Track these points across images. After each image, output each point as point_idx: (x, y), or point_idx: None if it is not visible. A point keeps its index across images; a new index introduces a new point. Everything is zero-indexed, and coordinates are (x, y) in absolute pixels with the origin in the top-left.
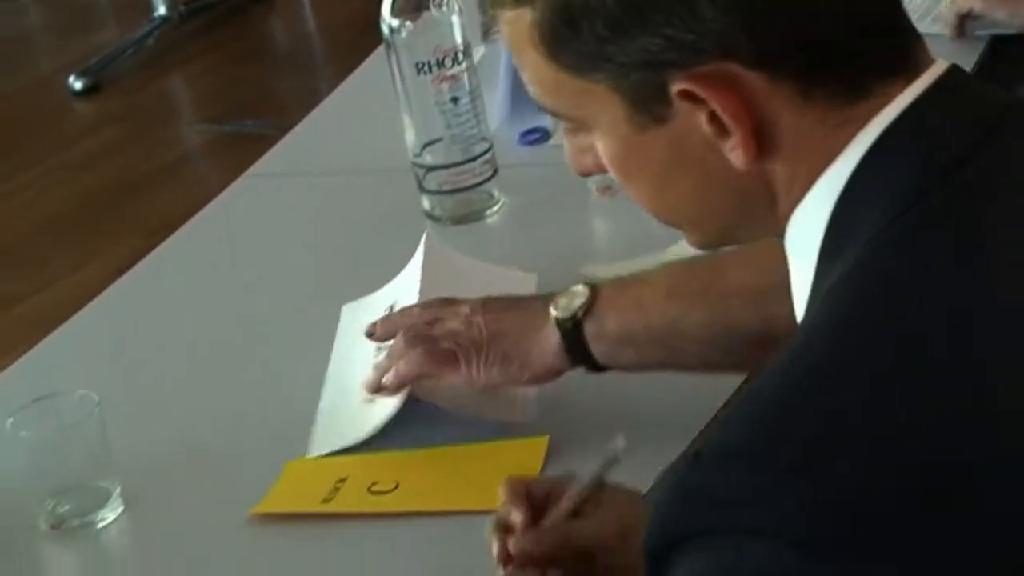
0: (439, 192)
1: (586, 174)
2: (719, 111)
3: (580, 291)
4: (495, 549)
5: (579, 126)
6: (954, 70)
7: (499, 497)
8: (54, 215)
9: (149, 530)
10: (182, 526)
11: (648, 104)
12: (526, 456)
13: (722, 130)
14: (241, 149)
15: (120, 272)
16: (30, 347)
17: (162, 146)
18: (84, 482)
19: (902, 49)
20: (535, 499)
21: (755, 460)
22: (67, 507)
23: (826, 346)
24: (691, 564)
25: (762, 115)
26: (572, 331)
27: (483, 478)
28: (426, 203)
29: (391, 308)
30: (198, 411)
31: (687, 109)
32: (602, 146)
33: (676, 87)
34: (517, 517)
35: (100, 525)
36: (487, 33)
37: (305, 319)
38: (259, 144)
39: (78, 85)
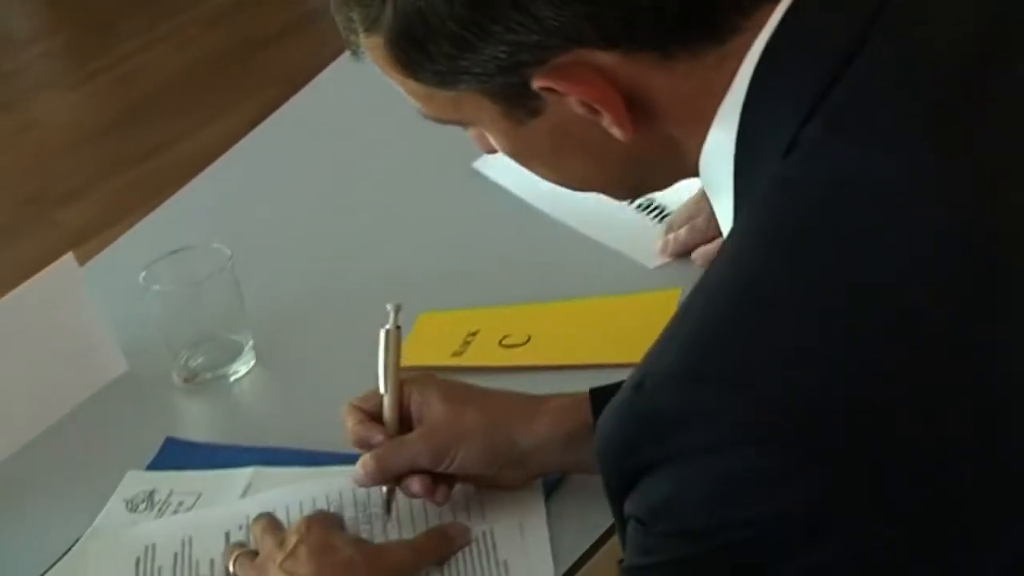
0: None
1: (492, 152)
2: (583, 98)
3: None
4: (362, 472)
5: (466, 125)
6: None
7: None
8: (189, 68)
9: (281, 383)
10: (314, 379)
11: (517, 101)
12: (659, 308)
13: (595, 111)
14: None
15: (253, 125)
16: (163, 200)
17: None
18: (217, 335)
19: None
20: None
21: (697, 380)
22: (200, 360)
23: (752, 261)
24: (652, 492)
25: (630, 89)
26: None
27: (616, 331)
28: None
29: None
30: (330, 264)
31: (555, 99)
32: (491, 139)
33: (536, 84)
34: (376, 436)
35: (233, 378)
36: None
37: (440, 172)
38: None
39: None
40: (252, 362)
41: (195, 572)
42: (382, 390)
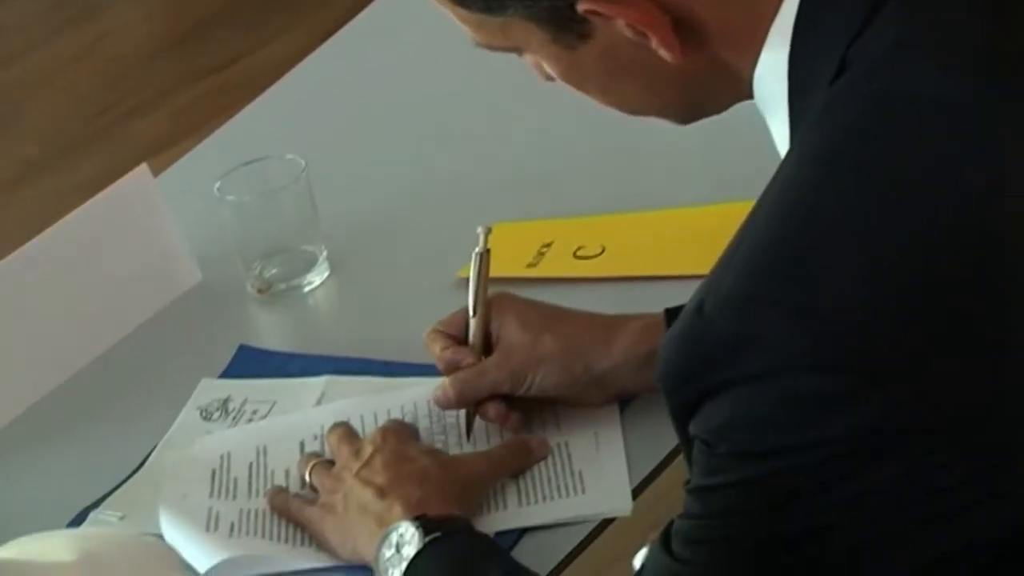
0: None
1: (550, 80)
2: (629, 21)
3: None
4: (440, 395)
5: (518, 52)
6: None
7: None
8: None
9: (355, 294)
10: (387, 290)
11: (566, 26)
12: (734, 220)
13: (643, 35)
14: None
15: (325, 37)
16: (236, 112)
17: None
18: (291, 246)
19: None
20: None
21: (755, 305)
22: (274, 271)
23: (806, 183)
24: (715, 414)
25: (676, 11)
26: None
27: (690, 243)
28: None
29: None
30: (404, 174)
31: (602, 23)
32: (545, 64)
33: (581, 7)
34: (466, 359)
35: (307, 289)
36: None
37: (513, 83)
38: None
39: None
40: (326, 273)
41: (270, 482)
42: (471, 313)
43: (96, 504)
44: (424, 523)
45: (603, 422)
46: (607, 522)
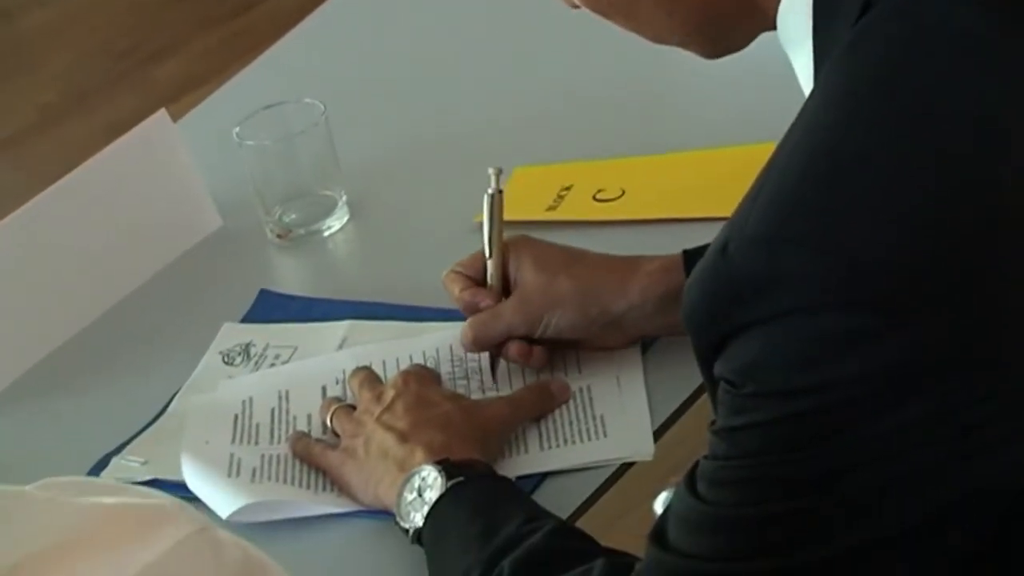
0: None
1: (575, 8)
2: None
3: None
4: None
5: None
6: None
7: (449, 289)
8: None
9: (374, 238)
10: (406, 234)
11: None
12: (754, 161)
13: None
14: None
15: None
16: (255, 57)
17: None
18: (310, 191)
19: None
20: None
21: (780, 243)
22: (294, 216)
23: (829, 121)
24: (740, 354)
25: None
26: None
27: (710, 185)
28: None
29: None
30: (423, 119)
31: None
32: None
33: None
34: (484, 300)
35: (326, 233)
36: None
37: (531, 26)
38: None
39: None
40: (346, 217)
41: (292, 427)
42: (487, 255)
43: (118, 450)
44: (446, 467)
45: (625, 365)
46: (627, 466)
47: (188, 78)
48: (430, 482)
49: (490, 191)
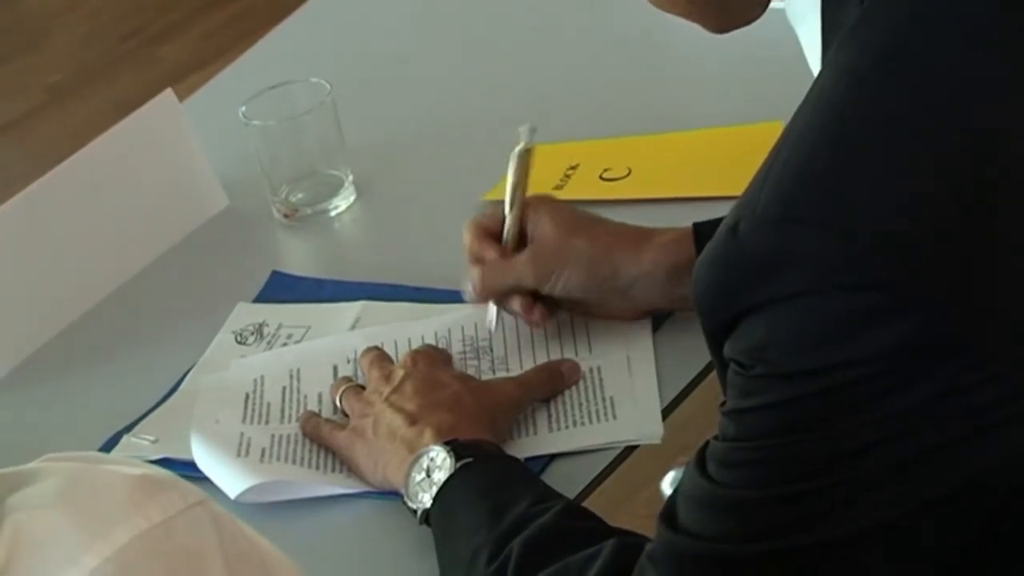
0: None
1: None
2: None
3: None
4: (470, 287)
5: None
6: None
7: (465, 241)
8: None
9: (381, 218)
10: (413, 214)
11: None
12: (761, 141)
13: None
14: None
15: None
16: (261, 36)
17: None
18: (317, 170)
19: None
20: (493, 231)
21: (790, 223)
22: (300, 196)
23: (838, 99)
24: (750, 334)
25: None
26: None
27: (716, 164)
28: None
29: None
30: (429, 97)
31: None
32: None
33: None
34: (489, 253)
35: (333, 212)
36: None
37: (541, 6)
38: None
39: None
40: (352, 197)
41: (303, 406)
42: (507, 209)
43: (128, 428)
44: (455, 448)
45: (636, 346)
46: (634, 447)
47: (194, 58)
48: (439, 463)
49: (521, 147)
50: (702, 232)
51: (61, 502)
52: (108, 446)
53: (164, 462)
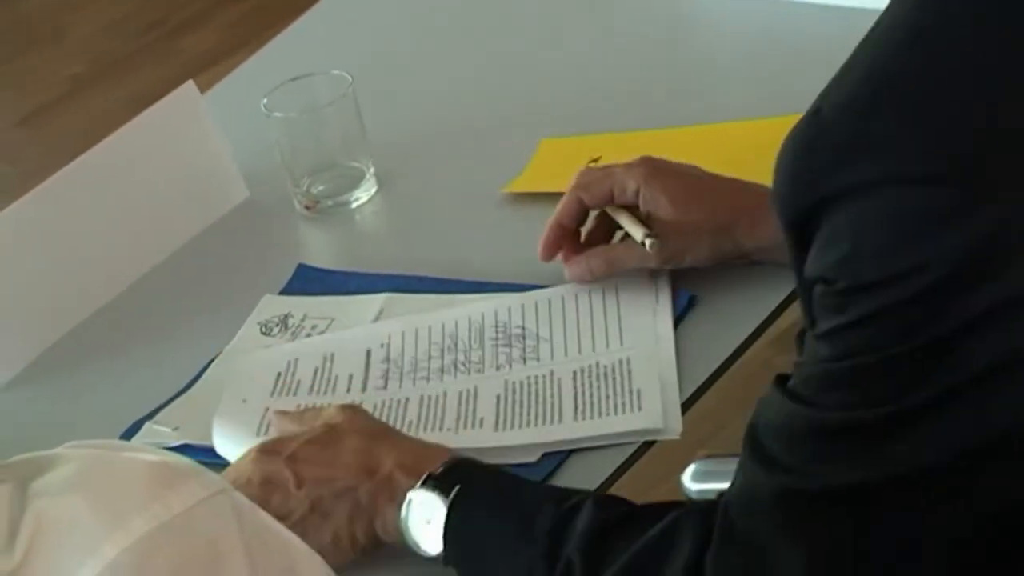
0: None
1: None
2: None
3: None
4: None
5: None
6: None
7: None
8: None
9: (402, 210)
10: (435, 205)
11: None
12: (781, 135)
13: None
14: None
15: None
16: (283, 28)
17: None
18: (338, 162)
19: None
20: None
21: (871, 111)
22: (321, 188)
23: (933, 4)
24: (830, 248)
25: None
26: None
27: (736, 157)
28: None
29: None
30: (450, 90)
31: None
32: None
33: None
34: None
35: (354, 204)
36: None
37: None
38: None
39: None
40: (373, 189)
41: (333, 388)
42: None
43: (150, 416)
44: (434, 483)
45: (662, 339)
46: (650, 442)
47: (216, 49)
48: (428, 502)
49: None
50: None
51: (81, 489)
52: (129, 434)
53: (184, 449)
